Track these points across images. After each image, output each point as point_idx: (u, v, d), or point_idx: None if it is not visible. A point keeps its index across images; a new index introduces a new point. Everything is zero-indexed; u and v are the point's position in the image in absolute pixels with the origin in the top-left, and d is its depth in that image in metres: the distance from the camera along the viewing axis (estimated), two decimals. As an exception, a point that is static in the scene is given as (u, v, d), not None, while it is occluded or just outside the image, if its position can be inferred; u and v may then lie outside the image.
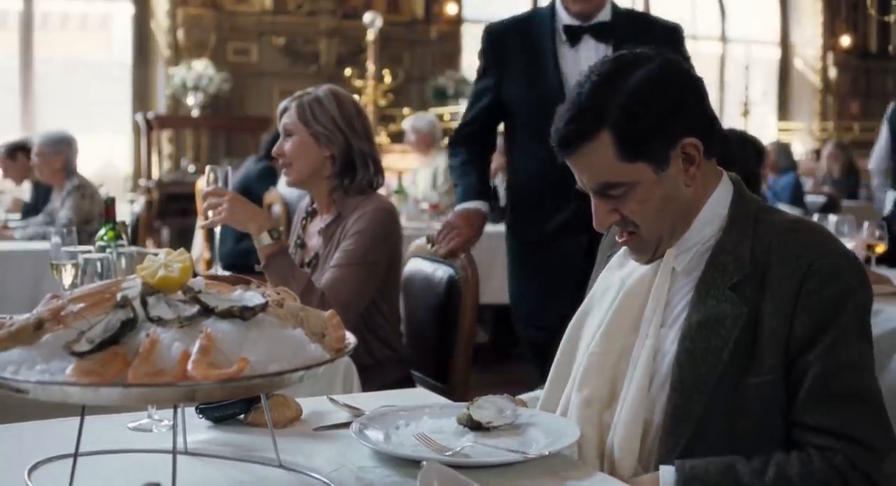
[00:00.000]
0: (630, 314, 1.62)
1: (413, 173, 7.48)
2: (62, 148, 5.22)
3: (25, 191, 6.40)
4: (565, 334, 1.73)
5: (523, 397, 1.81)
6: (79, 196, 5.07)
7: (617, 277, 1.69)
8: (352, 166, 2.72)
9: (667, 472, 1.46)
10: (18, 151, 6.20)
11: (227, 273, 2.60)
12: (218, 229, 2.60)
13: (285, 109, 2.78)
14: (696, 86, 1.58)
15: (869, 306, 1.54)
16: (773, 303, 1.49)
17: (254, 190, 6.21)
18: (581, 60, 2.84)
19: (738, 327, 1.50)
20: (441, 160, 6.71)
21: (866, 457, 1.44)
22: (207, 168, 2.65)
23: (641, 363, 1.56)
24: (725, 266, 1.54)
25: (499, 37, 3.00)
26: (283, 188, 6.20)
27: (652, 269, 1.62)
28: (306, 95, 2.77)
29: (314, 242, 2.78)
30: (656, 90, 1.52)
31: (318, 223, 2.80)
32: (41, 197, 5.80)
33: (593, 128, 1.51)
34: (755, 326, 1.50)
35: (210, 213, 2.57)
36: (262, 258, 2.58)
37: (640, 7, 7.87)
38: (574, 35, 2.89)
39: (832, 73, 13.73)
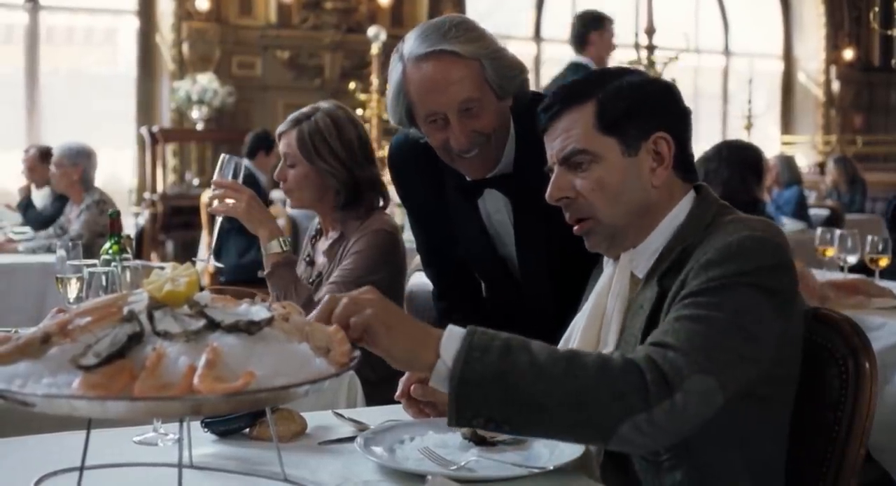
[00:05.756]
0: (595, 326, 1.67)
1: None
2: (80, 161, 5.19)
3: (41, 196, 6.31)
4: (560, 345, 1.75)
5: None
6: (97, 212, 5.00)
7: (596, 288, 1.73)
8: (356, 195, 2.73)
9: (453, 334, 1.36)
10: (50, 155, 6.13)
11: (220, 265, 2.65)
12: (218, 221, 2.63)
13: (283, 133, 2.75)
14: (678, 103, 1.68)
15: (774, 286, 1.47)
16: (679, 281, 1.52)
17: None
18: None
19: (649, 309, 1.55)
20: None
21: (675, 360, 1.36)
22: (223, 156, 2.60)
23: None
24: (661, 261, 1.60)
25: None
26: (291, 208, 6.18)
27: (609, 277, 1.67)
28: (305, 120, 2.72)
29: (320, 260, 2.79)
30: (646, 86, 1.67)
31: (324, 242, 2.82)
32: (57, 208, 5.74)
33: (584, 96, 1.65)
34: (661, 304, 1.54)
35: (217, 203, 2.58)
36: (268, 266, 2.60)
37: (643, 22, 7.73)
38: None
39: (835, 86, 13.74)
